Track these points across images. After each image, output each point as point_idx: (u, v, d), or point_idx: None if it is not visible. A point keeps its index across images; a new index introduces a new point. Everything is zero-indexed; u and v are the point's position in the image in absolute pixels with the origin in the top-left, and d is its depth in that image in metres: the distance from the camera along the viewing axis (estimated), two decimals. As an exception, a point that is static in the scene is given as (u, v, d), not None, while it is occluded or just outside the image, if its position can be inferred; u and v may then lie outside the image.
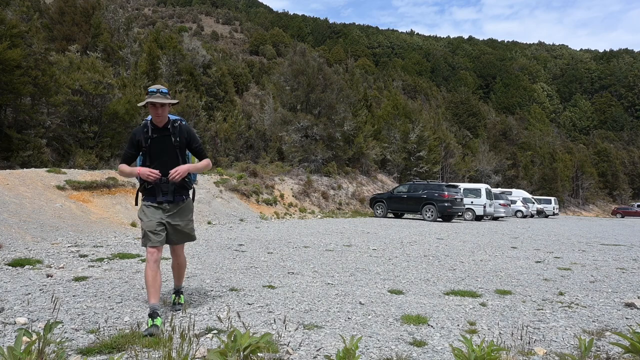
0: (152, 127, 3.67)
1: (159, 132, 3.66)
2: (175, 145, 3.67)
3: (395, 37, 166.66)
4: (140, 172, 3.50)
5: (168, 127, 3.69)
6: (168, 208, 3.65)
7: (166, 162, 3.64)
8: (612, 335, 3.35)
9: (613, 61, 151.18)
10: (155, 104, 3.53)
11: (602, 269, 6.83)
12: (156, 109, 3.56)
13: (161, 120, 3.63)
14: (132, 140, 3.68)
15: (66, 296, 4.05)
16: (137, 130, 3.70)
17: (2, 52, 14.78)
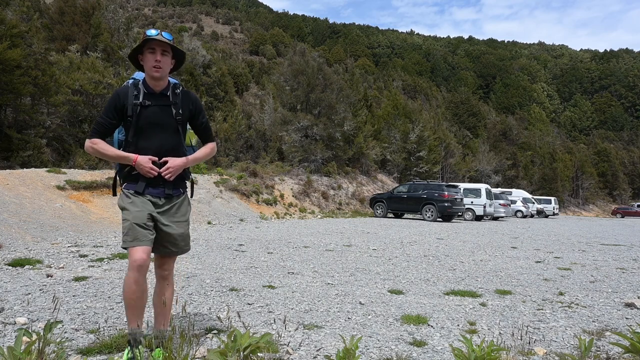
0: (145, 90, 2.63)
1: (154, 98, 2.63)
2: (177, 119, 2.66)
3: (395, 37, 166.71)
4: (140, 162, 2.52)
5: (167, 94, 2.66)
6: (160, 203, 2.64)
7: (160, 142, 2.61)
8: (612, 335, 3.35)
9: (613, 61, 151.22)
10: (155, 47, 2.54)
11: (602, 269, 6.83)
12: (154, 56, 2.54)
13: (160, 79, 2.61)
14: (114, 104, 2.58)
15: (66, 296, 4.05)
16: (122, 92, 2.63)
17: (2, 52, 14.78)
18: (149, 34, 2.56)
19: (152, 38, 2.53)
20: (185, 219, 2.75)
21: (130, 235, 2.49)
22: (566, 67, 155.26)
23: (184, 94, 2.71)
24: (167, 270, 2.75)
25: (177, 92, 2.69)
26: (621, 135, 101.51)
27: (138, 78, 2.73)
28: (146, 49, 2.56)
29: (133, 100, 2.58)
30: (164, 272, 2.75)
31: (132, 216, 2.53)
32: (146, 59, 2.57)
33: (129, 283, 2.47)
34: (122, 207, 2.61)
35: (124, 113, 2.58)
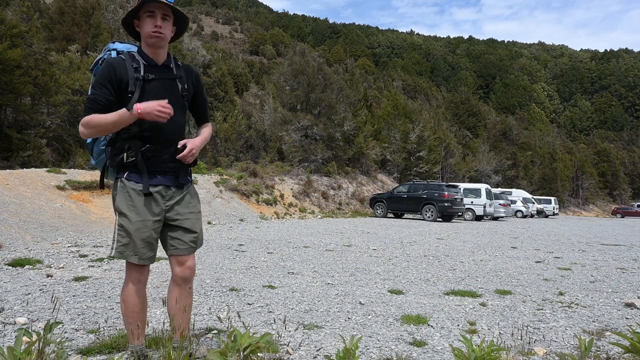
0: (145, 61, 2.25)
1: (157, 71, 2.26)
2: (184, 95, 2.33)
3: (395, 37, 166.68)
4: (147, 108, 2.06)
5: (170, 66, 2.31)
6: (171, 193, 2.30)
7: (170, 124, 2.21)
8: (612, 335, 3.35)
9: (613, 61, 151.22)
10: (154, 10, 2.16)
11: (602, 269, 6.83)
12: (154, 20, 2.17)
13: (160, 47, 2.25)
14: (107, 76, 2.16)
15: (66, 296, 4.05)
16: (117, 63, 2.20)
17: (2, 52, 14.79)
18: None
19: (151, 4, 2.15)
20: (198, 209, 2.44)
21: (129, 248, 2.20)
22: (566, 67, 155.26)
23: (185, 68, 2.40)
24: (191, 268, 2.40)
25: (180, 65, 2.37)
26: (621, 135, 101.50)
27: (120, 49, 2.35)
28: (143, 12, 2.18)
29: (134, 74, 2.18)
30: (187, 272, 2.39)
31: (134, 228, 2.19)
32: (144, 24, 2.19)
33: (129, 295, 2.25)
34: (120, 210, 2.22)
35: (122, 88, 2.16)
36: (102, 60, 2.34)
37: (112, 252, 2.24)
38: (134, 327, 2.27)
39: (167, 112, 2.09)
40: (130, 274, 2.28)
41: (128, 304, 2.26)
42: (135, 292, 2.26)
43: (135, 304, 2.27)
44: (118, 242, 2.22)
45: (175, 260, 2.37)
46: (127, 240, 2.20)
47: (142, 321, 2.32)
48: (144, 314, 2.33)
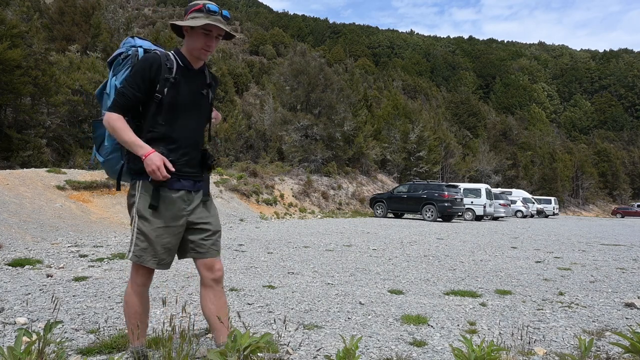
0: (182, 63, 2.27)
1: (190, 76, 2.28)
2: (211, 101, 2.42)
3: (395, 37, 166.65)
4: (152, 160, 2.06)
5: (204, 71, 2.36)
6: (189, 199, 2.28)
7: (194, 126, 2.28)
8: (612, 335, 3.35)
9: (613, 61, 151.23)
10: (211, 30, 2.20)
11: (602, 269, 6.83)
12: (209, 40, 2.22)
13: (205, 59, 2.35)
14: (141, 74, 2.15)
15: (66, 296, 4.05)
16: (154, 60, 2.19)
17: (2, 52, 14.79)
18: (212, 8, 2.19)
19: (210, 26, 2.18)
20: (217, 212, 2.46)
21: (149, 255, 2.19)
22: (566, 67, 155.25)
23: (213, 76, 2.44)
24: (221, 269, 2.39)
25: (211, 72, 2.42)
26: (621, 135, 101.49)
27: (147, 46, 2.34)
28: (199, 28, 2.18)
29: (166, 74, 2.17)
30: (218, 274, 2.37)
31: (155, 235, 2.17)
32: (197, 37, 2.21)
33: (133, 297, 2.25)
34: (141, 214, 2.18)
35: (153, 88, 2.16)
36: (124, 55, 2.30)
37: (129, 255, 2.24)
38: (134, 328, 2.27)
39: (162, 175, 2.08)
40: (136, 276, 2.28)
41: (131, 305, 2.28)
42: (139, 294, 2.28)
43: (138, 305, 2.29)
44: (136, 246, 2.20)
45: (202, 264, 2.34)
46: (146, 245, 2.19)
47: (143, 322, 2.32)
48: (145, 315, 2.35)
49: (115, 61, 2.34)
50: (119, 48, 2.37)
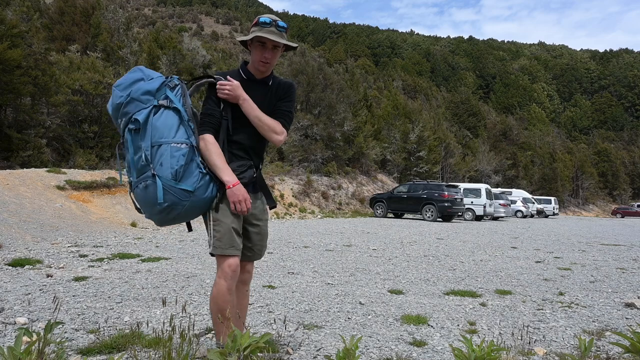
0: (247, 75, 2.42)
1: (254, 86, 2.40)
2: (269, 106, 2.44)
3: (395, 37, 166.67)
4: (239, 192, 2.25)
5: (268, 83, 2.45)
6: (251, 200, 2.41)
7: (251, 133, 2.39)
8: (612, 335, 3.35)
9: (613, 61, 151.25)
10: (266, 42, 2.32)
11: (602, 269, 6.83)
12: (264, 51, 2.33)
13: (266, 70, 2.40)
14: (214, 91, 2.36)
15: (66, 296, 4.05)
16: (221, 74, 2.42)
17: (2, 52, 14.79)
18: (262, 20, 2.32)
19: (263, 38, 2.29)
20: (266, 218, 2.59)
21: (226, 242, 2.27)
22: (566, 67, 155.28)
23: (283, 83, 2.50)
24: (250, 272, 2.58)
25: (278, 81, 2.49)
26: (621, 135, 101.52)
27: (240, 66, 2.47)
28: (255, 40, 2.32)
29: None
30: (246, 276, 2.55)
31: (230, 219, 2.29)
32: (254, 50, 2.34)
33: (222, 292, 2.28)
34: (213, 208, 2.33)
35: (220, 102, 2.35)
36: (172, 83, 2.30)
37: (210, 249, 2.33)
38: (225, 324, 2.28)
39: (244, 210, 2.27)
40: (225, 268, 2.29)
41: (221, 302, 2.29)
42: (228, 290, 2.30)
43: (228, 301, 2.31)
44: (214, 237, 2.30)
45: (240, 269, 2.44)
46: (225, 231, 2.29)
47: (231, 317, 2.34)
48: (232, 310, 2.38)
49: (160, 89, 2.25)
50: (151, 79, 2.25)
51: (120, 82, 2.23)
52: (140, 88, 2.20)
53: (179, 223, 2.38)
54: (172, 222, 2.30)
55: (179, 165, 2.15)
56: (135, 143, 2.17)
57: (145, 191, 2.16)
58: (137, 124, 2.16)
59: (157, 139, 2.15)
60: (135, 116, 2.16)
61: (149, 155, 2.13)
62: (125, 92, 2.19)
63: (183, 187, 2.16)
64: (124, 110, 2.19)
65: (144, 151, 2.13)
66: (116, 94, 2.22)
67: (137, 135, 2.16)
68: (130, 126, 2.17)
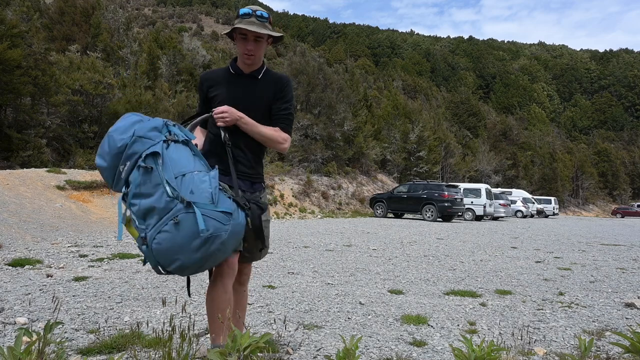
0: (235, 70, 2.37)
1: (241, 81, 2.36)
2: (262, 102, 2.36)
3: (395, 37, 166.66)
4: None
5: (257, 76, 2.37)
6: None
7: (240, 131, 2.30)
8: (612, 335, 3.35)
9: (613, 61, 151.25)
10: (247, 33, 2.23)
11: (602, 269, 6.83)
12: (246, 44, 2.25)
13: (252, 63, 2.32)
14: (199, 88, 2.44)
15: (66, 296, 4.05)
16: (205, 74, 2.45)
17: (2, 52, 14.79)
18: (242, 12, 2.23)
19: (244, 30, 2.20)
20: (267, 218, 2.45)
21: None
22: (566, 67, 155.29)
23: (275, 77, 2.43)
24: (247, 274, 2.49)
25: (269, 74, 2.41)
26: (621, 135, 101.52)
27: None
28: (237, 33, 2.25)
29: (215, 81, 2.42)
30: (244, 278, 2.47)
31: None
32: (238, 43, 2.28)
33: (220, 293, 2.20)
34: None
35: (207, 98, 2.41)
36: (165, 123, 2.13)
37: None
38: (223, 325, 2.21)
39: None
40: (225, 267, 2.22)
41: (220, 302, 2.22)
42: (225, 290, 2.24)
43: (227, 300, 2.24)
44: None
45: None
46: None
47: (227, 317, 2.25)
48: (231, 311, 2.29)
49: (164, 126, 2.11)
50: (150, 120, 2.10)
51: (116, 127, 2.03)
52: (145, 126, 2.03)
53: (213, 265, 2.14)
54: (210, 261, 2.05)
55: (213, 187, 2.01)
56: (153, 181, 1.94)
57: (177, 229, 1.91)
58: (151, 161, 1.95)
59: (179, 170, 1.98)
60: (148, 151, 1.96)
61: (174, 185, 1.94)
62: (127, 133, 1.99)
63: (223, 209, 2.01)
64: (130, 152, 1.96)
65: (166, 186, 1.93)
66: (115, 138, 1.99)
67: (150, 174, 1.94)
68: (142, 163, 1.94)
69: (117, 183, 2.03)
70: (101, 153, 2.03)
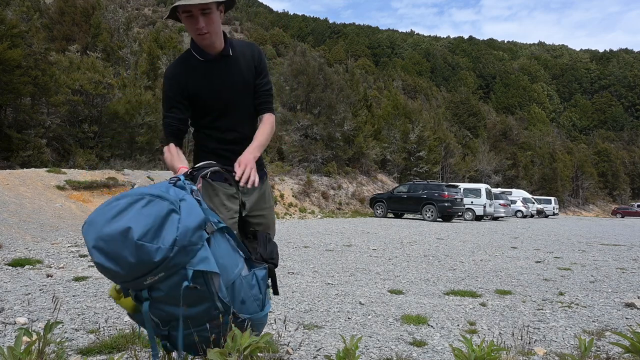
0: (199, 54, 1.98)
1: (212, 63, 2.00)
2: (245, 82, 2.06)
3: (395, 37, 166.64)
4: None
5: (229, 54, 2.01)
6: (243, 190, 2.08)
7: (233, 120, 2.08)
8: (612, 335, 3.35)
9: (613, 61, 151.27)
10: (191, 9, 1.81)
11: (602, 269, 6.83)
12: (195, 22, 1.84)
13: (211, 42, 1.93)
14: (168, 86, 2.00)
15: (66, 296, 4.05)
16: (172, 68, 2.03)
17: (2, 52, 14.79)
18: None
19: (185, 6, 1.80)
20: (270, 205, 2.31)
21: None
22: (566, 67, 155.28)
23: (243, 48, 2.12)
24: None
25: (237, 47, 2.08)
26: (621, 135, 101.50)
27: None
28: (180, 13, 1.85)
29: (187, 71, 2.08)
30: None
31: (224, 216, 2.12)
32: (186, 24, 1.88)
33: None
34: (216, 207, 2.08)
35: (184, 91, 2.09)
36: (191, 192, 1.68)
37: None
38: None
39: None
40: None
41: None
42: None
43: None
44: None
45: None
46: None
47: None
48: None
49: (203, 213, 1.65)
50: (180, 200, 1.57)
51: (138, 228, 1.44)
52: (187, 227, 1.50)
53: None
54: None
55: (262, 292, 1.80)
56: (197, 294, 1.55)
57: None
58: (201, 280, 1.54)
59: (227, 277, 1.64)
60: (197, 267, 1.51)
61: (226, 300, 1.62)
62: (165, 242, 1.45)
63: (268, 309, 1.85)
64: (170, 264, 1.47)
65: (217, 302, 1.59)
66: (148, 249, 1.43)
67: (195, 291, 1.54)
68: (188, 284, 1.50)
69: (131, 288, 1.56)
70: (115, 256, 1.45)
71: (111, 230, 1.44)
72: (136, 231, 1.43)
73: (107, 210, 1.49)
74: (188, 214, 1.53)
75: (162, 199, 1.51)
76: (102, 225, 1.47)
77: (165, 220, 1.48)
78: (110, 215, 1.47)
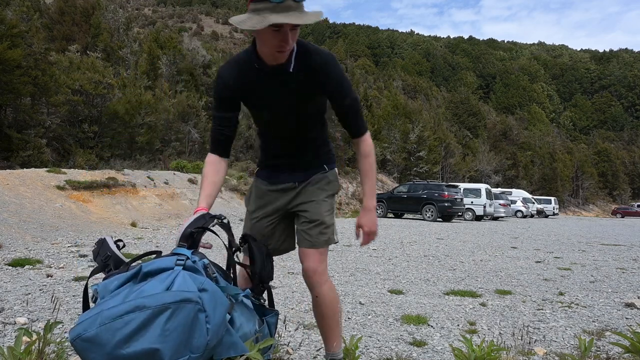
0: (259, 65, 1.77)
1: (269, 79, 1.80)
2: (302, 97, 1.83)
3: (395, 37, 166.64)
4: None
5: (289, 69, 1.76)
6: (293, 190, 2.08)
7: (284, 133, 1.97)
8: (612, 335, 3.35)
9: (612, 61, 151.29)
10: (282, 27, 1.60)
11: (602, 269, 6.83)
12: (281, 37, 1.62)
13: (284, 56, 1.72)
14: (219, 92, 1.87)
15: (66, 296, 4.05)
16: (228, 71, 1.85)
17: (2, 52, 14.80)
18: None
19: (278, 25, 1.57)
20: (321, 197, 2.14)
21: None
22: (566, 67, 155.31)
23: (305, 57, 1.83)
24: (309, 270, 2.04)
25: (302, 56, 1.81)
26: (621, 135, 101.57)
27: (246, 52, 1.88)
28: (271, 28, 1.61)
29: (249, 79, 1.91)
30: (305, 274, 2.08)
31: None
32: (265, 37, 1.65)
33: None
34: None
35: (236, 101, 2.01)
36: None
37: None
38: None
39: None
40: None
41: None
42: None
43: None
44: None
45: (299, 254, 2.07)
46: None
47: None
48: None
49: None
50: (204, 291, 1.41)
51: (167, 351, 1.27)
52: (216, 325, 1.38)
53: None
54: None
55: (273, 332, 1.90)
56: None
57: None
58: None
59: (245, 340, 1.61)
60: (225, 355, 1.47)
61: None
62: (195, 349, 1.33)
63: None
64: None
65: None
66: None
67: None
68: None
69: None
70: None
71: (129, 352, 1.23)
72: (166, 354, 1.26)
73: (118, 326, 1.25)
74: (214, 308, 1.37)
75: (187, 302, 1.32)
76: (115, 346, 1.24)
77: (194, 325, 1.31)
78: (126, 333, 1.24)
